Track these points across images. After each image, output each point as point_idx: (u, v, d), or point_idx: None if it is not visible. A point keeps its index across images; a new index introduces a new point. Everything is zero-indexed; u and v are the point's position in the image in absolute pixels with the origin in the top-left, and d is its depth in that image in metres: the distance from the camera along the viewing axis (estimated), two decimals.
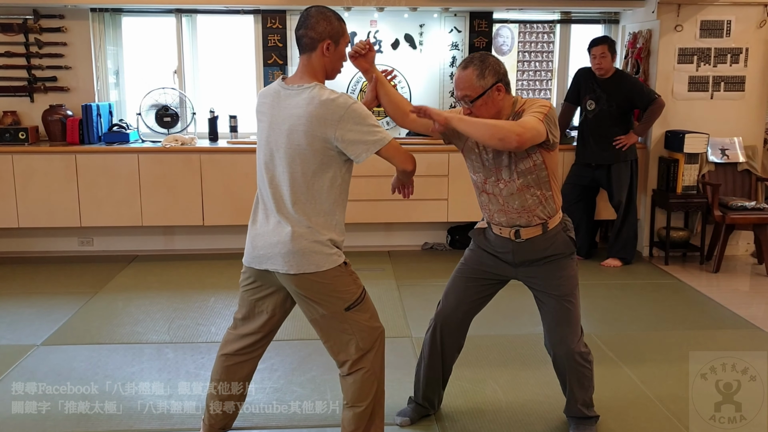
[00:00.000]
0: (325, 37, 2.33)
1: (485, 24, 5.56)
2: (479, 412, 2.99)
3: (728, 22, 5.22)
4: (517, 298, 4.49)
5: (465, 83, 2.47)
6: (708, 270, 5.12)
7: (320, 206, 2.36)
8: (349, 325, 2.43)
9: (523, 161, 2.49)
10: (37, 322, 4.00)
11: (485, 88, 2.46)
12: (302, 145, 2.30)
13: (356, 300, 2.42)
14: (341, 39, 2.37)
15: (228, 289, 4.60)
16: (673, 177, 5.16)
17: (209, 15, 5.52)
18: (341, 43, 2.38)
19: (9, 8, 5.16)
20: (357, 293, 2.43)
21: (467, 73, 2.46)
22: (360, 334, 2.44)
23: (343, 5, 5.17)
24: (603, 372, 3.39)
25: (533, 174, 2.52)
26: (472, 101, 2.47)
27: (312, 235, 2.34)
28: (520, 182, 2.52)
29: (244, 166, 5.12)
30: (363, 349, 2.44)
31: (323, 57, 2.35)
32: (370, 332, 2.46)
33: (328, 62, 2.38)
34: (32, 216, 5.07)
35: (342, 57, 2.41)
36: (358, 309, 2.43)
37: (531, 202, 2.56)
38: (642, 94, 4.97)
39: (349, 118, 2.29)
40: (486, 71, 2.46)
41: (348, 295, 2.41)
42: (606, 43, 4.95)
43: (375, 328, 2.48)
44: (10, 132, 5.06)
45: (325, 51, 2.34)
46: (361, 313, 2.44)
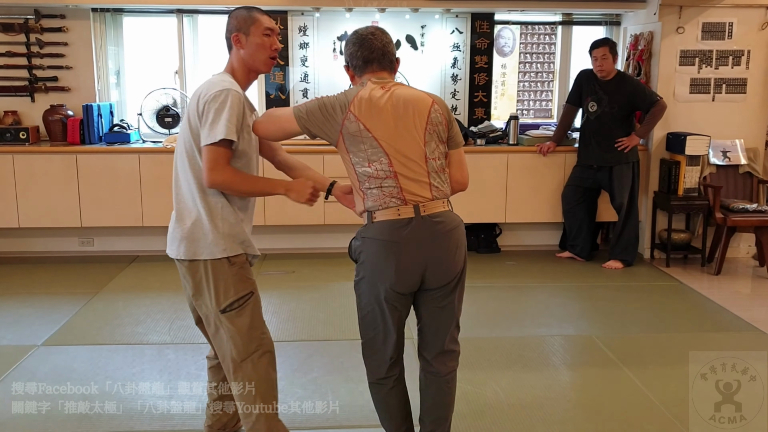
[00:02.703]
0: (233, 31, 2.34)
1: (487, 25, 5.55)
2: (480, 414, 2.98)
3: (730, 24, 5.22)
4: (517, 301, 4.49)
5: None
6: (709, 272, 5.11)
7: (204, 193, 2.29)
8: (225, 329, 2.31)
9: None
10: (37, 322, 3.99)
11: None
12: (185, 131, 2.31)
13: (233, 303, 2.29)
14: (251, 28, 2.31)
15: None
16: (674, 179, 5.16)
17: (210, 15, 5.52)
18: (253, 33, 2.31)
19: (10, 8, 5.16)
20: (238, 296, 2.29)
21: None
22: (234, 341, 2.31)
23: (344, 6, 5.16)
24: (604, 374, 3.38)
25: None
26: None
27: (193, 222, 2.29)
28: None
29: None
30: (236, 359, 2.32)
31: (238, 51, 2.34)
32: (246, 342, 2.30)
33: (245, 54, 2.33)
34: (33, 216, 5.06)
35: (260, 46, 2.32)
36: (237, 313, 2.29)
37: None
38: (644, 96, 4.96)
39: (208, 107, 2.22)
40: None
41: (223, 295, 2.28)
42: (607, 45, 4.94)
43: (254, 339, 2.32)
44: (10, 132, 5.06)
45: (237, 44, 2.33)
46: (239, 319, 2.29)
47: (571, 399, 3.17)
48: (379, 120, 2.23)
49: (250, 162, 2.37)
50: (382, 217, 2.25)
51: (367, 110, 2.23)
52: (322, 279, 4.80)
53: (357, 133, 2.23)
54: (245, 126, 2.29)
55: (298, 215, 5.18)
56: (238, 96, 2.24)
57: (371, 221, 2.28)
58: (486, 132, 5.43)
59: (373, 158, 2.24)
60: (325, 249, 5.43)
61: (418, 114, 2.28)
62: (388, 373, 2.45)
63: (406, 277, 2.27)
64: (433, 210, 2.28)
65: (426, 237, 2.26)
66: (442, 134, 2.34)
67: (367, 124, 2.23)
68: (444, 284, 2.33)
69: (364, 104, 2.23)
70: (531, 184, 5.33)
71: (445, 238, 2.29)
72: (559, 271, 5.09)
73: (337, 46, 5.49)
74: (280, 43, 2.42)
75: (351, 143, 2.25)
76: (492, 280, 4.89)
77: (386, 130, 2.24)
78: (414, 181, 2.25)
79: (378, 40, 2.33)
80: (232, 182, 2.24)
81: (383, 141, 2.23)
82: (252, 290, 2.35)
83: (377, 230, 2.26)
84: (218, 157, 2.20)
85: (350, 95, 2.26)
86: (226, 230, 2.29)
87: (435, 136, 2.31)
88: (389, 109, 2.25)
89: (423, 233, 2.25)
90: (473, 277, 4.91)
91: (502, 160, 5.29)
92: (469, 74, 5.61)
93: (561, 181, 5.34)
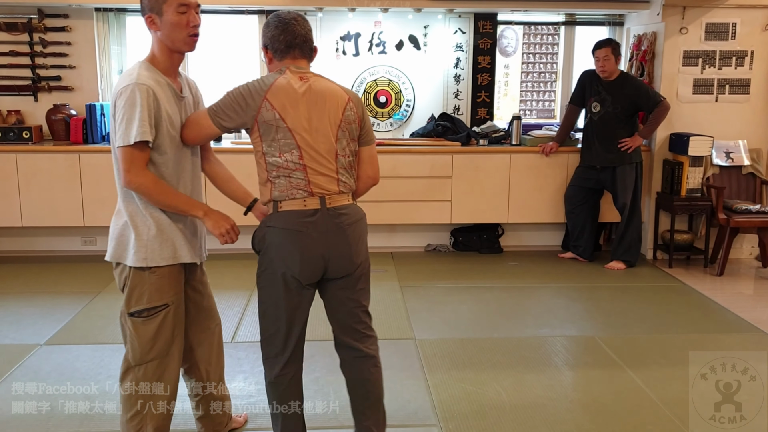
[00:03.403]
0: (145, 11, 2.20)
1: (490, 25, 5.55)
2: (482, 414, 2.97)
3: (733, 25, 5.21)
4: (519, 301, 4.49)
5: None
6: (712, 273, 5.10)
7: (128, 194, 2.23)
8: (128, 329, 2.27)
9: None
10: (40, 321, 4.00)
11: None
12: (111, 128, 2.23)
13: (143, 311, 2.24)
14: (164, 6, 2.16)
15: (231, 290, 4.59)
16: (677, 180, 5.15)
17: (213, 15, 5.52)
18: (166, 11, 2.17)
19: (13, 7, 5.17)
20: (150, 305, 2.23)
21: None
22: (132, 345, 2.27)
23: (347, 6, 5.16)
24: (606, 375, 3.38)
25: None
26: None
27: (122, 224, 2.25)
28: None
29: (248, 166, 5.06)
30: (130, 362, 2.29)
31: (155, 33, 2.21)
32: (146, 350, 2.26)
33: (163, 36, 2.19)
34: (36, 215, 5.07)
35: (176, 24, 2.18)
36: (143, 322, 2.24)
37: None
38: (647, 97, 4.95)
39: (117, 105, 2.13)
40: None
41: (135, 300, 2.24)
42: (609, 46, 4.94)
43: (155, 350, 2.26)
44: (14, 131, 5.07)
45: (152, 26, 2.20)
46: (143, 327, 2.24)
47: (574, 400, 3.17)
48: (294, 111, 2.24)
49: (177, 155, 2.26)
50: (288, 207, 2.27)
51: (284, 100, 2.22)
52: None
53: (272, 121, 2.23)
54: (164, 118, 2.18)
55: None
56: (146, 88, 2.11)
57: (277, 210, 2.29)
58: (489, 132, 5.42)
59: (285, 149, 2.25)
60: None
61: (333, 110, 2.30)
62: (284, 370, 2.43)
63: (310, 265, 2.29)
64: (338, 203, 2.32)
65: (330, 228, 2.30)
66: (354, 132, 2.37)
67: (282, 114, 2.22)
68: (346, 275, 2.37)
69: (282, 93, 2.23)
70: (534, 184, 5.32)
71: (348, 229, 2.33)
72: (561, 272, 5.09)
73: (340, 46, 5.49)
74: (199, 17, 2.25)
75: (265, 131, 2.24)
76: (494, 280, 4.89)
77: (300, 122, 2.24)
78: (322, 175, 2.29)
79: (301, 27, 2.32)
80: (148, 189, 2.15)
81: (296, 133, 2.24)
82: (167, 303, 2.26)
83: (283, 219, 2.27)
84: (133, 159, 2.11)
85: (267, 82, 2.24)
86: (149, 238, 2.21)
87: (347, 134, 2.34)
88: (305, 101, 2.26)
89: (327, 224, 2.29)
90: (476, 278, 4.93)
91: (504, 160, 5.28)
92: (471, 74, 5.61)
93: (563, 182, 5.33)
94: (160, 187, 2.17)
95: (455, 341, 3.73)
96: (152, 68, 2.20)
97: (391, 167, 5.16)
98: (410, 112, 5.66)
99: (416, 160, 5.21)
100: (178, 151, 2.26)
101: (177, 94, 2.26)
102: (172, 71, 2.27)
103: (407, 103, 5.63)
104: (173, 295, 2.29)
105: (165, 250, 2.24)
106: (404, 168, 5.20)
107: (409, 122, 5.68)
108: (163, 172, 2.22)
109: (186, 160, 2.31)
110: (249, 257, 5.32)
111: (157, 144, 2.17)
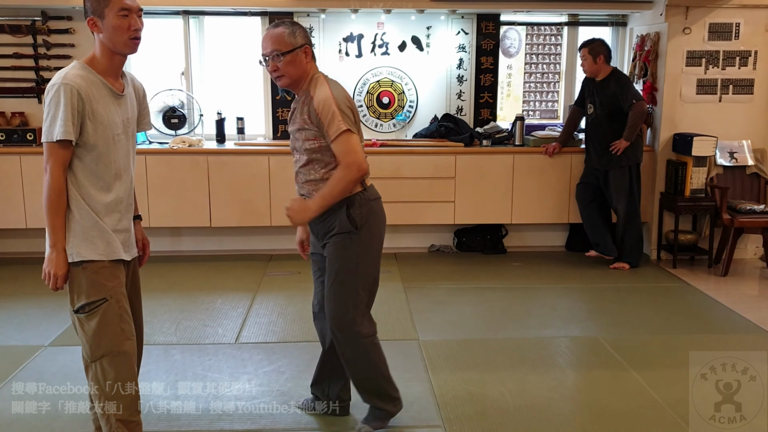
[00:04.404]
0: (87, 14, 2.23)
1: (492, 26, 5.55)
2: (486, 415, 2.97)
3: (737, 25, 5.20)
4: (523, 302, 4.48)
5: (275, 39, 2.52)
6: (716, 273, 5.09)
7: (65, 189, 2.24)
8: (78, 328, 2.30)
9: (309, 141, 2.57)
10: (45, 322, 4.01)
11: (295, 45, 2.52)
12: None
13: (84, 306, 2.26)
14: (105, 9, 2.19)
15: (235, 291, 4.60)
16: (681, 180, 5.14)
17: (217, 17, 5.54)
18: (108, 15, 2.19)
19: (17, 9, 5.18)
20: (89, 300, 2.25)
21: (278, 31, 2.53)
22: (83, 343, 2.31)
23: (350, 7, 5.17)
24: (611, 376, 3.38)
25: (318, 153, 2.57)
26: (282, 54, 2.50)
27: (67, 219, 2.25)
28: (305, 158, 2.61)
29: (251, 167, 5.12)
30: (87, 359, 2.31)
31: (97, 36, 2.24)
32: (93, 347, 2.27)
33: (105, 38, 2.22)
34: (40, 217, 4.99)
35: (118, 27, 2.20)
36: (86, 317, 2.26)
37: (314, 177, 2.61)
38: (624, 98, 4.88)
39: (45, 101, 2.18)
40: (297, 31, 2.54)
41: (76, 296, 2.27)
42: (586, 47, 4.96)
43: (102, 345, 2.26)
44: (18, 133, 5.08)
45: (93, 28, 2.23)
46: (87, 323, 2.26)
47: (577, 400, 3.17)
48: None
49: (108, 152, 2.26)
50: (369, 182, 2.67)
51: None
52: None
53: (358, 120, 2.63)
54: (92, 117, 2.20)
55: None
56: (70, 88, 2.15)
57: (366, 187, 2.64)
58: (492, 133, 5.42)
59: None
60: None
61: None
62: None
63: None
64: None
65: None
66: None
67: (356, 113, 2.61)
68: None
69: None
70: (537, 185, 5.32)
71: None
72: (565, 273, 5.08)
73: (343, 48, 5.49)
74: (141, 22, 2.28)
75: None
76: (498, 281, 4.89)
77: None
78: None
79: None
80: (50, 191, 2.19)
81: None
82: (105, 297, 2.27)
83: (375, 192, 2.71)
84: (53, 155, 2.17)
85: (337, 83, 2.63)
86: (79, 233, 2.24)
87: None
88: None
89: None
90: (479, 278, 4.93)
91: (507, 161, 5.28)
92: (474, 75, 5.61)
93: (567, 182, 5.33)
94: (57, 197, 2.20)
95: (459, 342, 3.73)
96: (87, 68, 2.23)
97: (394, 168, 5.16)
98: (413, 113, 5.66)
99: (419, 160, 5.21)
100: (110, 148, 2.27)
101: (114, 92, 2.28)
102: (113, 72, 2.29)
103: (410, 104, 5.63)
104: (111, 289, 2.28)
105: (97, 245, 2.26)
106: (407, 169, 5.20)
107: (412, 123, 5.68)
108: (92, 169, 2.24)
109: (120, 157, 2.32)
110: (250, 258, 5.34)
111: (83, 141, 2.21)
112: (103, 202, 2.28)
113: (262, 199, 5.16)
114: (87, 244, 2.25)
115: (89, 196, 2.25)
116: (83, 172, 2.24)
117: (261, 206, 5.17)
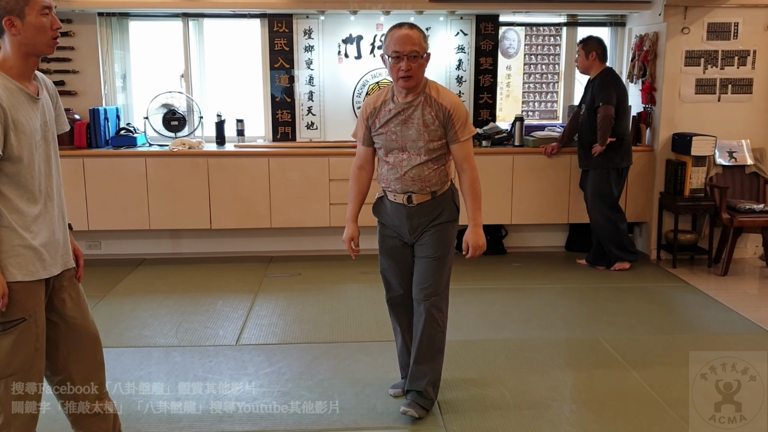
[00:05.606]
0: (4, 14, 2.06)
1: (491, 27, 5.56)
2: (486, 415, 2.98)
3: (735, 25, 5.20)
4: (523, 302, 4.49)
5: (417, 40, 2.68)
6: (716, 273, 5.10)
7: None
8: None
9: (434, 142, 2.75)
10: None
11: (427, 50, 2.73)
12: None
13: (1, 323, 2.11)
14: (26, 9, 2.06)
15: (236, 293, 4.60)
16: (680, 180, 5.15)
17: (216, 19, 5.55)
18: (29, 14, 2.06)
19: None
20: (5, 318, 2.10)
21: (418, 33, 2.69)
22: None
23: (349, 9, 5.18)
24: (611, 375, 3.38)
25: (438, 152, 2.77)
26: (420, 57, 2.68)
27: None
28: (424, 157, 2.75)
29: (251, 169, 5.13)
30: None
31: (13, 36, 2.08)
32: (3, 364, 2.14)
33: (23, 39, 2.08)
34: None
35: (41, 27, 2.08)
36: (2, 335, 2.11)
37: (427, 174, 2.78)
38: (597, 99, 4.83)
39: None
40: (426, 38, 2.75)
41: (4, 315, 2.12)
42: (581, 43, 4.96)
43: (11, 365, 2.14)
44: None
45: (11, 28, 2.07)
46: (2, 340, 2.12)
47: (578, 400, 3.17)
48: None
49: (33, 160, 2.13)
50: None
51: None
52: (328, 281, 4.80)
53: None
54: (15, 128, 2.06)
55: (303, 218, 5.20)
56: None
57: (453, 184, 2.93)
58: (491, 133, 5.43)
59: None
60: (330, 251, 5.44)
61: None
62: None
63: None
64: None
65: None
66: None
67: None
68: None
69: None
70: (537, 185, 5.33)
71: None
72: (565, 273, 5.09)
73: (342, 49, 5.50)
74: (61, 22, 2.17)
75: None
76: (498, 281, 4.89)
77: None
78: None
79: None
80: None
81: None
82: (24, 317, 2.13)
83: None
84: None
85: None
86: (6, 250, 2.10)
87: None
88: None
89: None
90: (479, 279, 4.94)
91: (507, 161, 5.29)
92: (474, 76, 5.62)
93: (566, 183, 5.33)
94: None
95: (459, 342, 3.73)
96: (1, 75, 2.09)
97: None
98: None
99: None
100: (33, 157, 2.14)
101: (31, 97, 2.15)
102: (27, 75, 2.16)
103: None
104: (31, 308, 2.15)
105: (22, 265, 2.13)
106: None
107: None
108: (18, 182, 2.11)
109: (42, 164, 2.19)
110: (250, 260, 5.35)
111: (8, 154, 2.06)
112: (32, 214, 2.14)
113: (262, 200, 5.17)
114: (12, 263, 2.11)
115: (17, 210, 2.11)
116: (8, 186, 2.09)
117: (261, 208, 5.18)
